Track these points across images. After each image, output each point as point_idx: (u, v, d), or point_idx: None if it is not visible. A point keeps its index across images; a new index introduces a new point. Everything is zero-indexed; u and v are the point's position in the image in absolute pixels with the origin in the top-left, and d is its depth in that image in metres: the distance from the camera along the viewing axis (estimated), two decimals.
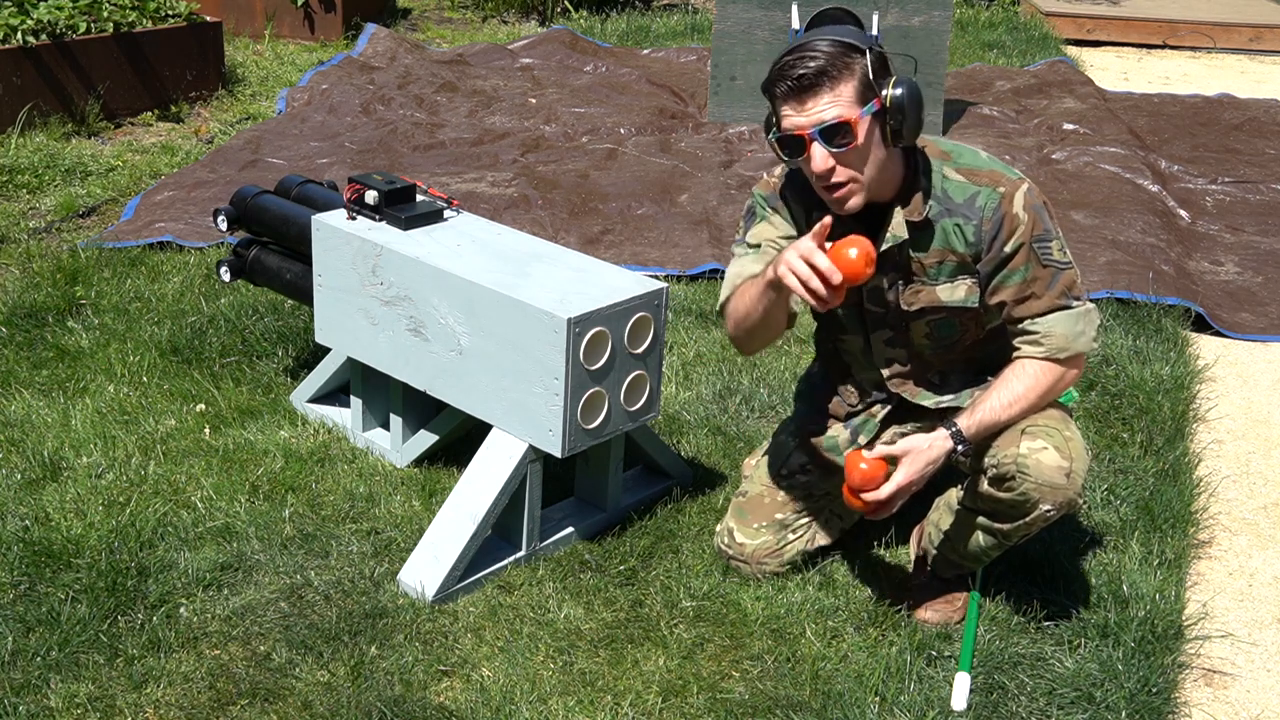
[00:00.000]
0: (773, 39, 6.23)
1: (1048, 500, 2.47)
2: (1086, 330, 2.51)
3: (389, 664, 2.53)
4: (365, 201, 3.12)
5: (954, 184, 2.49)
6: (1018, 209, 2.45)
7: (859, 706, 2.44)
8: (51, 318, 3.96)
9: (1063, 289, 2.49)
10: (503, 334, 2.81)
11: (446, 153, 5.77)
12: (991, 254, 2.49)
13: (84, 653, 2.52)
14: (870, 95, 2.35)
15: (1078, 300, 2.50)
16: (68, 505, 2.98)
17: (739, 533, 2.85)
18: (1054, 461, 2.45)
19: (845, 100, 2.34)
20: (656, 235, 4.88)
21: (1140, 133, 6.57)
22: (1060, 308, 2.49)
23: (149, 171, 5.48)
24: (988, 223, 2.46)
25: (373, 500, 3.07)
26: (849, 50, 2.35)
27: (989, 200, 2.46)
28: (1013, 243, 2.46)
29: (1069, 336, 2.49)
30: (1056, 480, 2.45)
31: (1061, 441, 2.47)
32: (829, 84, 2.33)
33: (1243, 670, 2.74)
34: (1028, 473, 2.45)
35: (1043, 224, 2.46)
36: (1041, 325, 2.50)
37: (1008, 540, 2.61)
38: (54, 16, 5.83)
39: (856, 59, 2.34)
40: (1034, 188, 2.49)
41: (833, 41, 2.35)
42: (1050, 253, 2.47)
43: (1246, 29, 9.08)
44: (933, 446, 2.48)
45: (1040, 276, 2.48)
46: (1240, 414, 3.86)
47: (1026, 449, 2.46)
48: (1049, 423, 2.51)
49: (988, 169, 2.49)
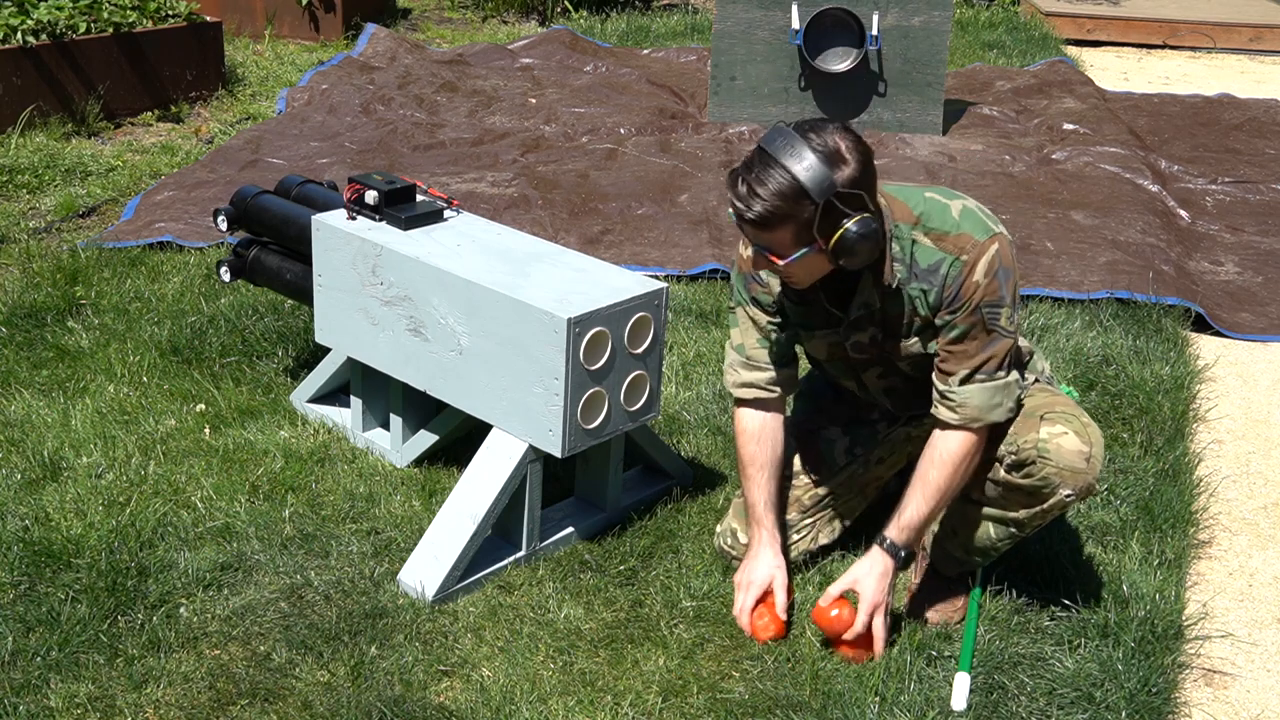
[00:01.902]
0: (773, 39, 6.24)
1: (1068, 485, 2.49)
2: (1004, 402, 2.52)
3: (389, 664, 2.53)
4: (365, 201, 3.11)
5: (922, 249, 2.49)
6: (978, 276, 2.45)
7: (859, 706, 2.44)
8: (51, 318, 3.96)
9: (993, 356, 2.49)
10: (503, 334, 2.80)
11: (446, 153, 5.78)
12: (944, 309, 2.50)
13: (84, 653, 2.52)
14: (808, 239, 2.36)
15: (1002, 370, 2.51)
16: (68, 505, 2.98)
17: (742, 533, 2.85)
18: (1075, 446, 2.47)
19: (781, 242, 2.38)
20: (656, 235, 4.88)
21: (1140, 133, 6.58)
22: (981, 376, 2.49)
23: (149, 171, 5.48)
24: (948, 289, 2.47)
25: (373, 500, 3.07)
26: (798, 198, 2.31)
27: (952, 269, 2.46)
28: (964, 304, 2.47)
29: (983, 408, 2.51)
30: (1077, 464, 2.47)
31: (1080, 426, 2.50)
32: (766, 229, 2.36)
33: (1243, 670, 2.74)
34: (1049, 457, 2.48)
35: (999, 291, 2.46)
36: (958, 395, 2.51)
37: (1022, 531, 2.62)
38: (54, 16, 5.83)
39: (802, 207, 2.32)
40: (1003, 248, 2.46)
41: (782, 187, 2.30)
42: (997, 319, 2.48)
43: (1246, 29, 9.09)
44: (875, 567, 2.56)
45: (979, 339, 2.49)
46: (1240, 414, 3.86)
47: (1047, 434, 2.49)
48: (1066, 409, 2.54)
49: (955, 233, 2.47)
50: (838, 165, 2.32)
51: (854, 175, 2.33)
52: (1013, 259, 2.48)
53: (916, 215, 2.49)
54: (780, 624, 2.64)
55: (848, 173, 2.32)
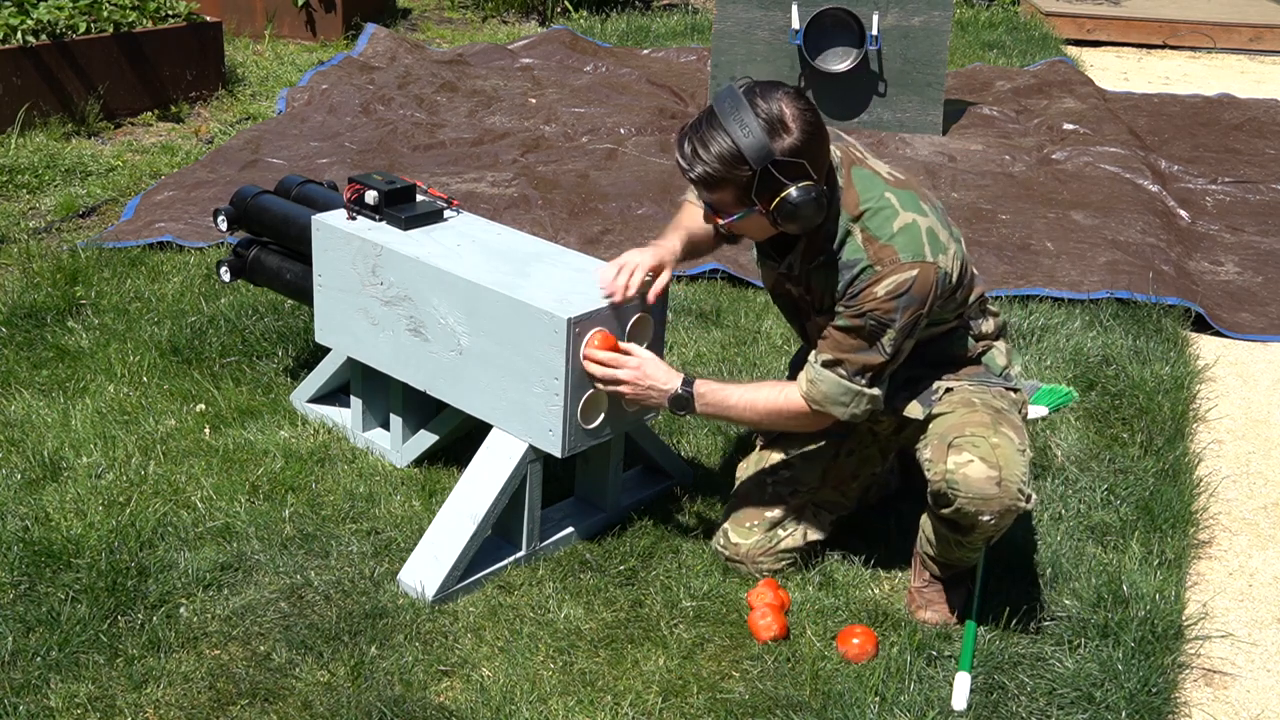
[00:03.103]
0: (773, 39, 6.24)
1: (985, 511, 2.48)
2: (850, 406, 2.56)
3: (389, 664, 2.53)
4: (365, 201, 3.11)
5: (851, 243, 2.52)
6: (879, 291, 2.48)
7: (859, 706, 2.44)
8: (51, 318, 3.95)
9: (859, 362, 2.53)
10: (503, 334, 2.80)
11: (446, 153, 5.78)
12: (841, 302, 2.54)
13: (84, 653, 2.52)
14: (748, 202, 2.43)
15: (861, 378, 2.54)
16: (68, 505, 2.98)
17: (733, 533, 2.86)
18: (981, 473, 2.47)
19: (724, 201, 2.46)
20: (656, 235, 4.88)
21: (1140, 133, 6.58)
22: (841, 370, 2.54)
23: (149, 171, 5.48)
24: (852, 288, 2.52)
25: (373, 500, 3.07)
26: (736, 163, 2.38)
27: (863, 274, 2.50)
28: (855, 306, 2.51)
29: (829, 398, 2.56)
30: (988, 491, 2.46)
31: (988, 450, 2.48)
32: (707, 189, 2.45)
33: (1243, 670, 2.74)
34: (958, 488, 2.48)
35: (893, 313, 2.48)
36: (815, 371, 2.57)
37: (974, 545, 2.64)
38: (54, 16, 5.83)
39: (740, 172, 2.39)
40: (923, 277, 2.47)
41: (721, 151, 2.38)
42: (880, 333, 2.50)
43: (1246, 29, 9.09)
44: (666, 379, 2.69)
45: (854, 338, 2.52)
46: (1240, 414, 3.86)
47: (954, 464, 2.49)
48: (976, 430, 2.52)
49: (886, 241, 2.49)
50: (779, 133, 2.37)
51: (795, 144, 2.38)
52: (928, 291, 2.48)
53: (860, 210, 2.52)
54: (783, 625, 2.64)
55: (789, 141, 2.37)
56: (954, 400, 2.64)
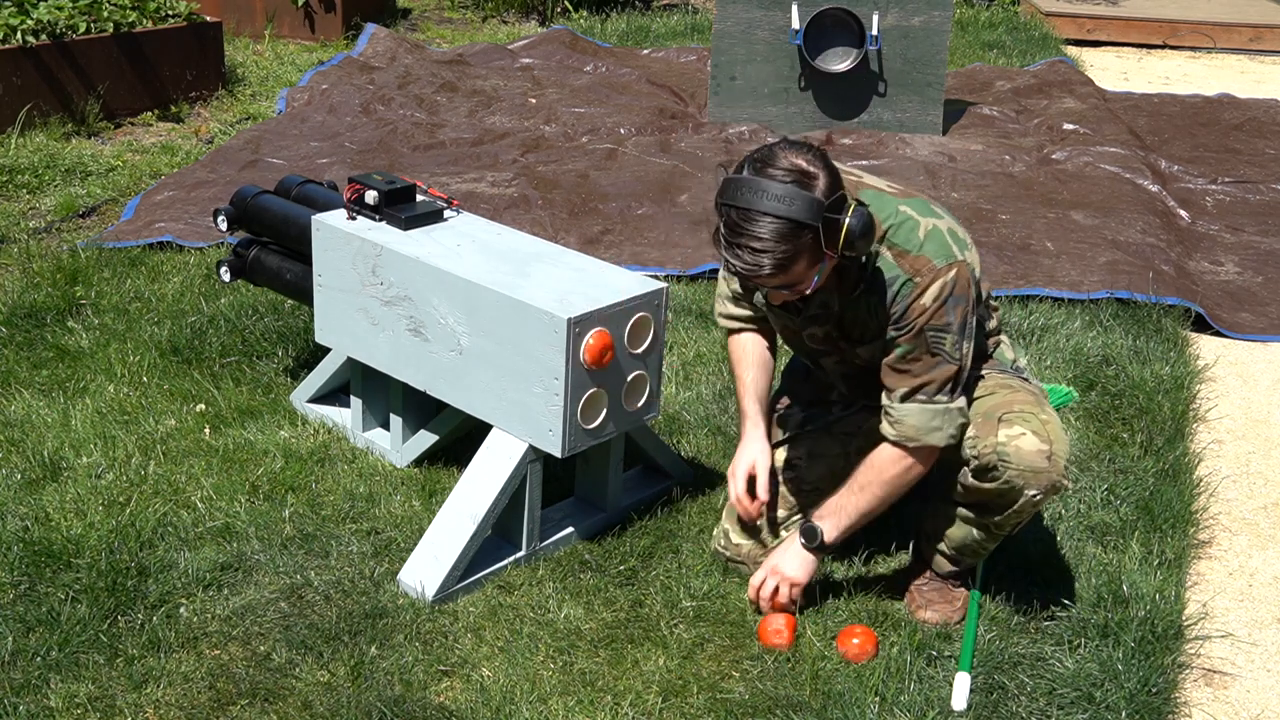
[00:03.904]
0: (773, 39, 6.23)
1: (1032, 485, 2.49)
2: (944, 428, 2.53)
3: (389, 664, 2.53)
4: (365, 201, 3.11)
5: (883, 261, 2.50)
6: (926, 300, 2.46)
7: (859, 706, 2.44)
8: (51, 318, 3.95)
9: (935, 379, 2.50)
10: (503, 334, 2.80)
11: (446, 153, 5.77)
12: (891, 326, 2.52)
13: (84, 653, 2.52)
14: (820, 257, 2.37)
15: (945, 396, 2.52)
16: (68, 505, 2.98)
17: (734, 533, 2.86)
18: (1034, 446, 2.48)
19: (798, 274, 2.38)
20: (656, 235, 4.88)
21: (1140, 133, 6.58)
22: (920, 397, 2.51)
23: (149, 171, 5.48)
24: (895, 306, 2.50)
25: (373, 500, 3.07)
26: (797, 233, 2.30)
27: (904, 290, 2.48)
28: (909, 326, 2.49)
29: (920, 429, 2.53)
30: (1038, 464, 2.47)
31: (1039, 425, 2.50)
32: (781, 271, 2.35)
33: (1243, 670, 2.74)
34: (1009, 460, 2.48)
35: (945, 317, 2.47)
36: (896, 411, 2.54)
37: (1000, 530, 2.63)
38: (54, 16, 5.83)
39: (804, 238, 2.32)
40: (961, 275, 2.46)
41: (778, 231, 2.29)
42: (942, 344, 2.49)
43: (1246, 29, 9.08)
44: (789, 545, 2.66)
45: (922, 360, 2.50)
46: (1240, 414, 3.86)
47: (1005, 436, 2.49)
48: (1024, 407, 2.53)
49: (916, 253, 2.47)
50: (811, 182, 2.33)
51: (828, 183, 2.34)
52: (969, 287, 2.48)
53: (884, 229, 2.50)
54: (790, 639, 2.63)
55: (822, 183, 2.33)
56: (990, 384, 2.65)
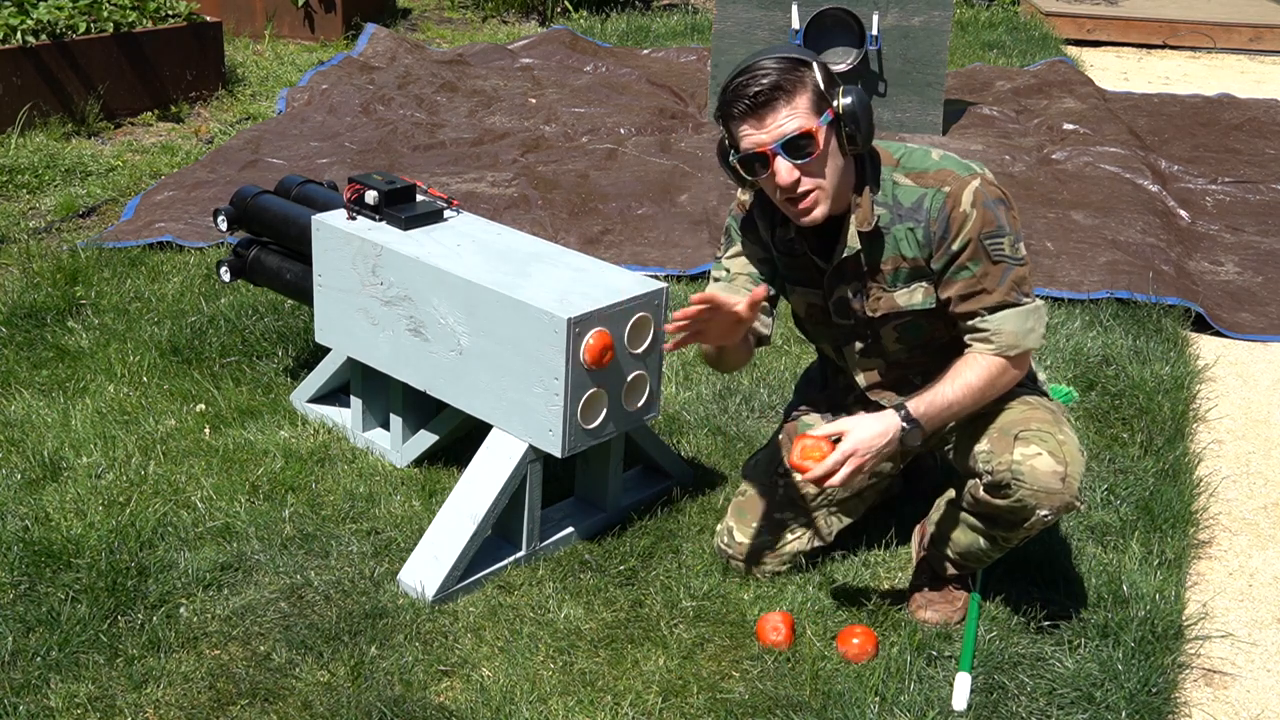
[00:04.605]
0: (773, 39, 6.23)
1: (1045, 506, 2.47)
2: (1036, 327, 2.52)
3: (389, 664, 2.53)
4: (365, 201, 3.12)
5: (903, 189, 2.51)
6: (965, 206, 2.45)
7: (859, 706, 2.44)
8: (51, 318, 3.96)
9: (1012, 284, 2.49)
10: (503, 334, 2.81)
11: (446, 153, 5.78)
12: (940, 251, 2.50)
13: (84, 653, 2.52)
14: (824, 105, 2.42)
15: (1027, 297, 2.51)
16: (68, 505, 2.98)
17: (738, 532, 2.85)
18: (1049, 467, 2.46)
19: (803, 111, 2.40)
20: (656, 235, 4.89)
21: (1140, 133, 6.58)
22: (1009, 304, 2.50)
23: (149, 171, 5.48)
24: (935, 224, 2.48)
25: (373, 500, 3.07)
26: (797, 64, 2.40)
27: (935, 201, 2.47)
28: (960, 239, 2.47)
29: (1018, 334, 2.50)
30: (1052, 485, 2.46)
31: (1055, 446, 2.48)
32: (785, 98, 2.39)
33: (1243, 670, 2.74)
34: (1023, 479, 2.46)
35: (994, 219, 2.46)
36: (991, 322, 2.51)
37: (1007, 543, 2.62)
38: (54, 16, 5.83)
39: (806, 72, 2.40)
40: (987, 182, 2.48)
41: (779, 58, 2.40)
42: (1001, 248, 2.47)
43: (1246, 29, 9.08)
44: (883, 425, 2.48)
45: (990, 272, 2.48)
46: (1240, 414, 3.86)
47: (1021, 455, 2.47)
48: (1042, 426, 2.51)
49: (936, 169, 2.50)
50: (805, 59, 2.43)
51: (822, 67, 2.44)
52: (1001, 192, 2.48)
53: (896, 158, 2.54)
54: (789, 638, 2.63)
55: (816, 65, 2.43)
56: (1008, 398, 2.62)
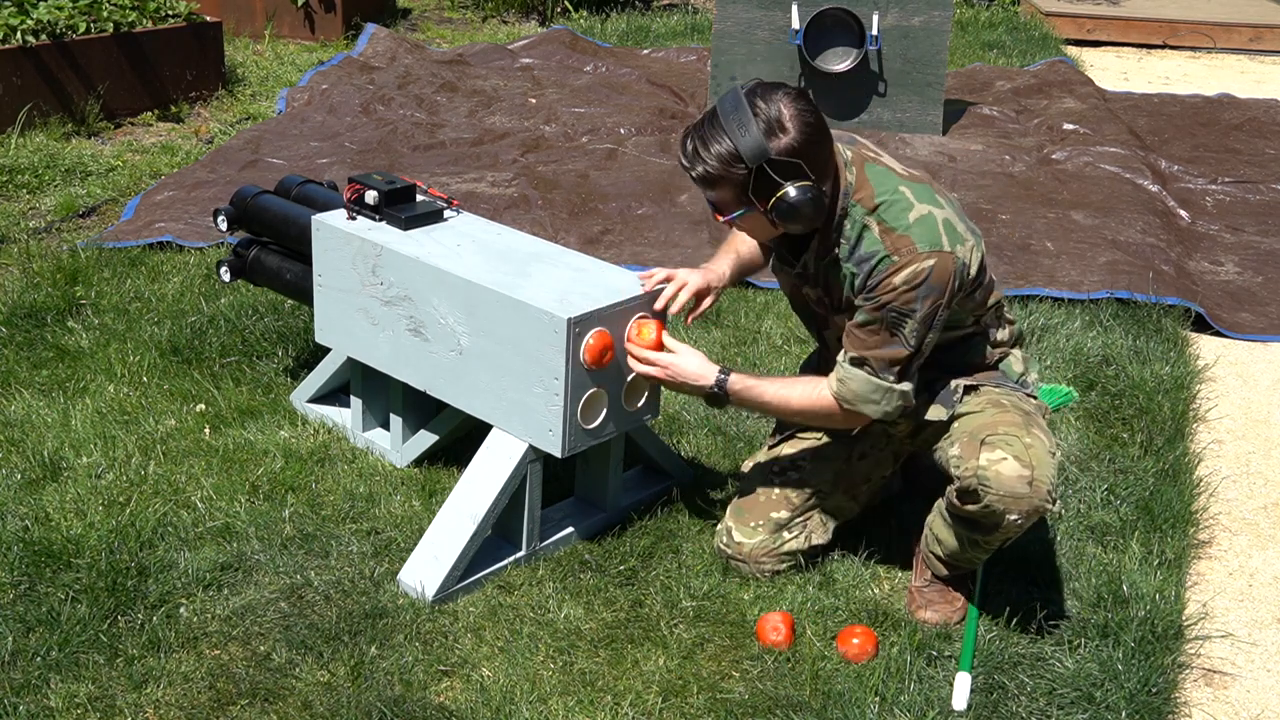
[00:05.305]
0: (773, 39, 6.24)
1: (1013, 510, 2.48)
2: (881, 404, 2.57)
3: (389, 664, 2.53)
4: (365, 201, 3.11)
5: (868, 235, 2.53)
6: (898, 280, 2.48)
7: (859, 706, 2.44)
8: (51, 318, 3.96)
9: (887, 359, 2.53)
10: (503, 334, 2.81)
11: (446, 153, 5.78)
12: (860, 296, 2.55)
13: (84, 653, 2.52)
14: (746, 201, 2.48)
15: (891, 376, 2.54)
16: (68, 505, 2.98)
17: (737, 532, 2.85)
18: (1014, 471, 2.46)
19: (724, 200, 2.51)
20: (656, 235, 4.88)
21: (1140, 133, 6.58)
22: (869, 365, 2.54)
23: (149, 171, 5.48)
24: (870, 279, 2.52)
25: (373, 500, 3.07)
26: (733, 162, 2.43)
27: (880, 264, 2.51)
28: (876, 299, 2.51)
29: (859, 396, 2.57)
30: (1018, 490, 2.46)
31: (1021, 449, 2.48)
32: (705, 184, 2.51)
33: (1243, 670, 2.74)
34: (989, 485, 2.47)
35: (912, 303, 2.48)
36: (845, 370, 2.58)
37: (989, 546, 2.63)
38: (54, 16, 5.83)
39: (736, 171, 2.44)
40: (941, 267, 2.47)
41: (720, 152, 2.43)
42: (901, 326, 2.51)
43: (1246, 29, 9.08)
44: (702, 374, 2.70)
45: (878, 333, 2.53)
46: (1240, 414, 3.86)
47: (986, 460, 2.48)
48: (1010, 430, 2.52)
49: (903, 232, 2.49)
50: (776, 134, 2.41)
51: (792, 144, 2.42)
52: (948, 280, 2.48)
53: (876, 203, 2.53)
54: (789, 638, 2.63)
55: (785, 141, 2.41)
56: (981, 400, 2.64)
